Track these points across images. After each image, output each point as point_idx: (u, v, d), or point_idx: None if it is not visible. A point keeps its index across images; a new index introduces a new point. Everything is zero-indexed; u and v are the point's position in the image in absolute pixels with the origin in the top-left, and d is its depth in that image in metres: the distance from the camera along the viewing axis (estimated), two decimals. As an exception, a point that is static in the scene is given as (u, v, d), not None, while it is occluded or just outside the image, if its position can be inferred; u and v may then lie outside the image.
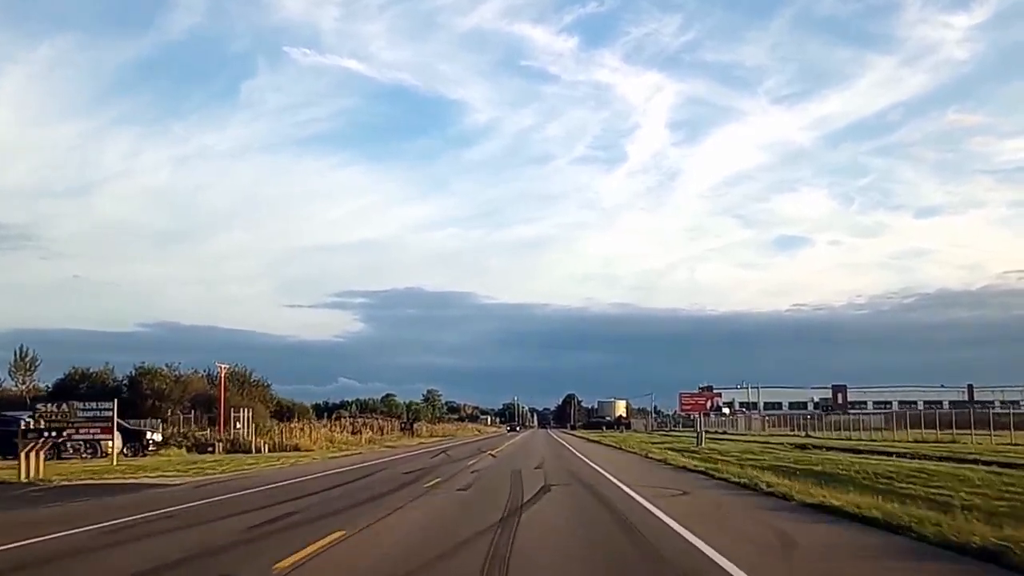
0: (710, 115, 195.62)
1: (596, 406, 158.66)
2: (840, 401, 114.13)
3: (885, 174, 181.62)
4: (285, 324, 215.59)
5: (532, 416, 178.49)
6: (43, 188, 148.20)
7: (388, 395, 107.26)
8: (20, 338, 62.73)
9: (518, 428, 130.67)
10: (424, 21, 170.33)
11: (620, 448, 38.79)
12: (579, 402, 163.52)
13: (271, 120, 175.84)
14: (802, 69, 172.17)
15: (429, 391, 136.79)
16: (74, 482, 19.31)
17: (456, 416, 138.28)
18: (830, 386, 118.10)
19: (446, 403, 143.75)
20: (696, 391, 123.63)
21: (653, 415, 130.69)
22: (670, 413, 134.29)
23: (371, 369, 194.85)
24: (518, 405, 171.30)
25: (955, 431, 45.01)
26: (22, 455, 20.27)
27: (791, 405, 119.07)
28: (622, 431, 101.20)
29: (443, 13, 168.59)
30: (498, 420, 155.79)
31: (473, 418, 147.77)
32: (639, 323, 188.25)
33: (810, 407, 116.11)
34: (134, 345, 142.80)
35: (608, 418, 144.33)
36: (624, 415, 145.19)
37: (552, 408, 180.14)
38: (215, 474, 21.96)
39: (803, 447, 34.42)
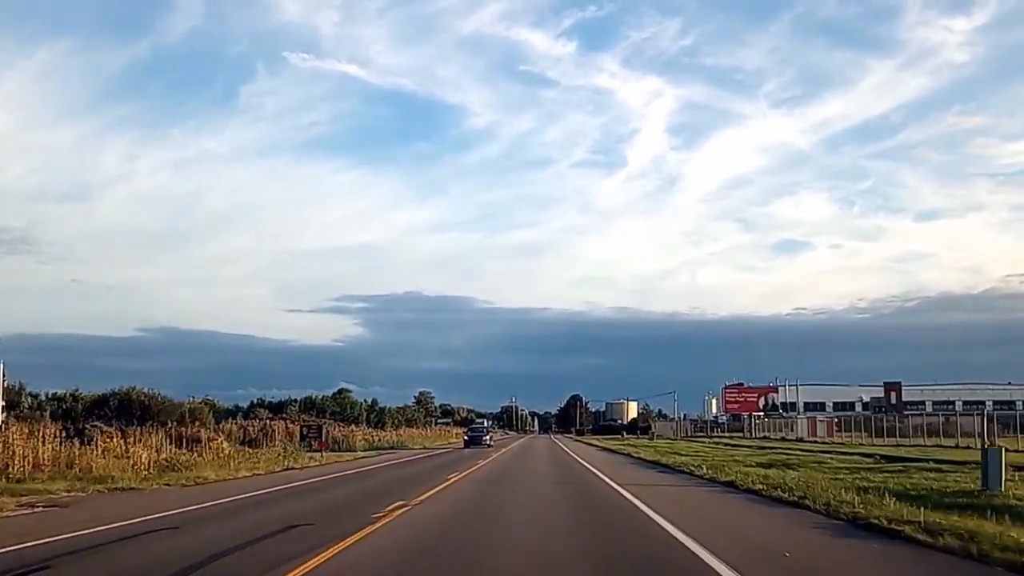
0: (710, 119, 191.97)
1: (604, 408, 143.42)
2: (894, 401, 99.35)
3: (885, 177, 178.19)
4: (285, 328, 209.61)
5: (533, 420, 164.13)
6: (41, 192, 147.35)
7: (342, 390, 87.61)
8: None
9: (488, 442, 57.83)
10: (423, 25, 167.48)
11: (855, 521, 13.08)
12: (585, 404, 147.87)
13: (270, 124, 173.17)
14: (802, 73, 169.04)
15: (421, 393, 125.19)
16: None
17: (447, 420, 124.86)
18: (882, 383, 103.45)
19: (439, 406, 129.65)
20: (728, 386, 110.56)
21: (682, 418, 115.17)
22: (679, 417, 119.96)
23: (371, 373, 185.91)
24: (516, 408, 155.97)
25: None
26: None
27: (835, 405, 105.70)
28: (651, 438, 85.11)
29: (442, 17, 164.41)
30: (495, 425, 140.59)
31: (467, 422, 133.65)
32: (639, 327, 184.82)
33: (858, 407, 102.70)
34: (133, 350, 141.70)
35: (619, 421, 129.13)
36: (637, 418, 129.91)
37: (554, 411, 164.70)
38: None
39: None
